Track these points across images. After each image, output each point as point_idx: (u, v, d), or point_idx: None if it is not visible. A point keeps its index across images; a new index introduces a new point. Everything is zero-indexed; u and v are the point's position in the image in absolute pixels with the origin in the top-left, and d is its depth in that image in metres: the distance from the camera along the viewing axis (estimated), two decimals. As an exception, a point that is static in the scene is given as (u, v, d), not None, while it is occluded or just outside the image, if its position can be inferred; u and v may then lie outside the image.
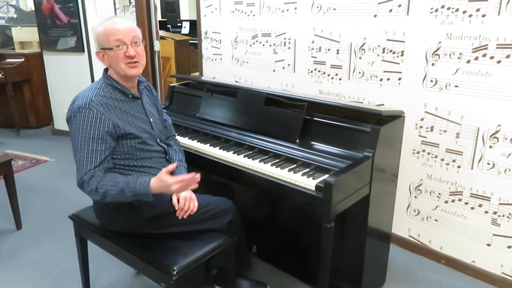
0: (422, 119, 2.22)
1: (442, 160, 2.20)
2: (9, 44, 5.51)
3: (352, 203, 1.64)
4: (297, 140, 1.85)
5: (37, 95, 4.95)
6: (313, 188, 1.56)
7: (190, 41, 5.80)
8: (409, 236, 2.45)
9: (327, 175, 1.61)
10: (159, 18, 8.85)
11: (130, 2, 3.98)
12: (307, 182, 1.59)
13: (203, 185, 1.96)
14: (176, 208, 1.68)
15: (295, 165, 1.75)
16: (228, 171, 1.85)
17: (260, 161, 1.80)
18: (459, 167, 2.15)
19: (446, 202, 2.24)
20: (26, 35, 5.18)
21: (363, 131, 1.71)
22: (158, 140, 1.77)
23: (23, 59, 4.75)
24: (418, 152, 2.29)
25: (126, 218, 1.69)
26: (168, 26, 8.08)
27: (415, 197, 2.37)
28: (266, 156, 1.85)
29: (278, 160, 1.81)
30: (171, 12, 9.49)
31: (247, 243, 2.07)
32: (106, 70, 1.70)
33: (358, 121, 1.76)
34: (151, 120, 1.76)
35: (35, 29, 4.61)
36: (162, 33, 6.03)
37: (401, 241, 2.48)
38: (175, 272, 1.51)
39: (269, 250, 2.29)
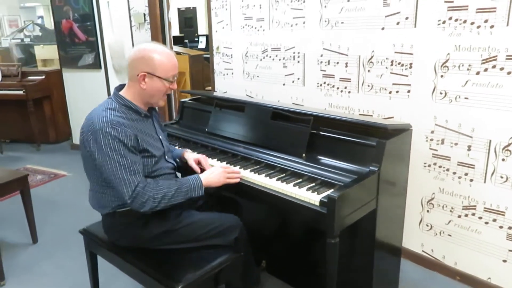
0: (432, 132, 2.19)
1: (454, 173, 2.16)
2: (32, 62, 5.71)
3: (358, 218, 1.62)
4: (303, 155, 1.85)
5: (57, 111, 5.09)
6: (317, 203, 1.54)
7: (204, 56, 5.88)
8: (422, 251, 2.40)
9: (332, 190, 1.59)
10: (177, 33, 9.10)
11: (145, 20, 4.08)
12: (311, 197, 1.58)
13: (209, 200, 1.99)
14: (197, 170, 1.85)
15: (300, 180, 1.74)
16: (234, 186, 1.86)
17: (266, 176, 1.80)
18: (471, 180, 2.10)
19: (459, 216, 2.19)
20: (48, 53, 5.36)
21: (369, 145, 1.69)
22: (166, 157, 1.80)
23: (43, 76, 4.90)
24: (429, 165, 2.25)
25: (133, 234, 1.71)
26: (185, 41, 8.25)
27: (428, 211, 2.32)
28: (272, 171, 1.85)
29: (284, 174, 1.81)
30: (189, 27, 9.71)
31: (256, 258, 2.06)
32: (117, 89, 1.73)
33: (364, 135, 1.74)
34: (160, 137, 1.81)
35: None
36: (177, 48, 6.15)
37: (414, 256, 2.42)
38: (181, 288, 1.52)
39: (278, 265, 2.28)
